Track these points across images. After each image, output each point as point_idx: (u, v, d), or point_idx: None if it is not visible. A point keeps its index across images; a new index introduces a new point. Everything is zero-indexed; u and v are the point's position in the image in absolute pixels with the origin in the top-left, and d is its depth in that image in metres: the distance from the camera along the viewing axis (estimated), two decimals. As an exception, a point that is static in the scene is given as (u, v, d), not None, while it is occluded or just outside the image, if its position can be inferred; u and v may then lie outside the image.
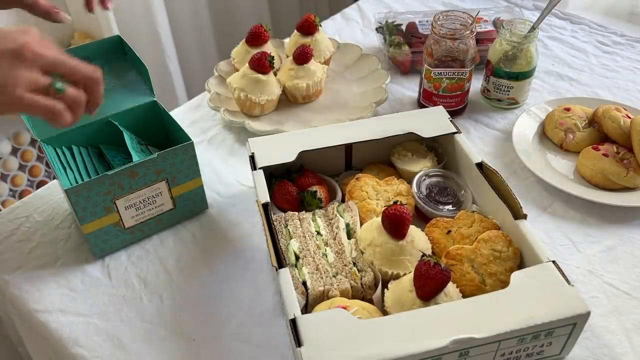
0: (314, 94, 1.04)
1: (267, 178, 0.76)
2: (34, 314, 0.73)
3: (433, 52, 0.94)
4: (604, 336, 0.67)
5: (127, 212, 0.76)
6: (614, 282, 0.73)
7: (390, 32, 1.15)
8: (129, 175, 0.73)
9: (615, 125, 0.89)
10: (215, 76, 1.08)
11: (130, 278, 0.76)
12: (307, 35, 1.07)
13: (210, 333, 0.69)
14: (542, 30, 1.23)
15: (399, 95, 1.08)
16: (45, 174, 1.64)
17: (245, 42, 1.05)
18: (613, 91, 1.07)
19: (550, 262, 0.63)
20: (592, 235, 0.80)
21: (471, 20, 0.92)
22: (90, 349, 0.68)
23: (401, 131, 0.82)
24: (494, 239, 0.69)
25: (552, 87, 1.09)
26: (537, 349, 0.60)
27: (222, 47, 1.94)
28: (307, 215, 0.74)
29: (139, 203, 0.76)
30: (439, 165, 0.85)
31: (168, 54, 1.73)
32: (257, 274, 0.76)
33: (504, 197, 0.71)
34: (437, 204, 0.78)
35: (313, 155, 0.80)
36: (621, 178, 0.84)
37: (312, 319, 0.58)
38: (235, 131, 1.00)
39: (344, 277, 0.67)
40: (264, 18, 1.97)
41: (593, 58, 1.17)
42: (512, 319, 0.57)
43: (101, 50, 0.85)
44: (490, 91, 1.02)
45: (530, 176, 0.89)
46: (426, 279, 0.61)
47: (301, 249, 0.69)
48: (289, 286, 0.61)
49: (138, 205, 0.76)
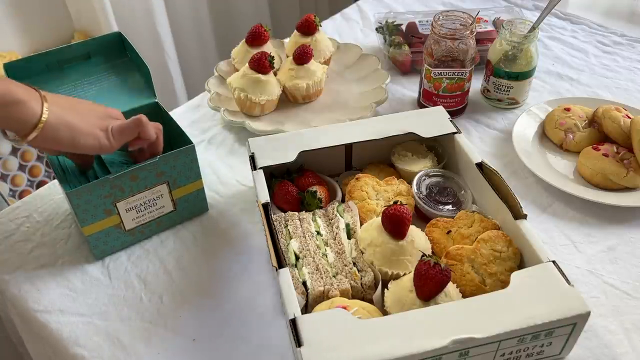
0: (314, 94, 1.04)
1: (267, 178, 0.76)
2: (34, 314, 0.73)
3: (433, 52, 0.94)
4: (604, 336, 0.67)
5: (127, 214, 0.76)
6: (614, 282, 0.73)
7: (390, 32, 1.15)
8: (130, 179, 0.73)
9: (615, 125, 0.89)
10: (215, 76, 1.08)
11: (130, 278, 0.76)
12: (307, 35, 1.07)
13: (210, 333, 0.69)
14: (542, 30, 1.23)
15: (399, 95, 1.08)
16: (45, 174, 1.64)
17: (245, 42, 1.05)
18: (613, 91, 1.07)
19: (550, 262, 0.63)
20: (592, 235, 0.80)
21: (471, 20, 0.92)
22: (90, 349, 0.68)
23: (401, 131, 0.82)
24: (494, 239, 0.69)
25: (552, 87, 1.09)
26: (537, 349, 0.60)
27: (222, 47, 1.94)
28: (307, 215, 0.74)
29: (139, 205, 0.76)
30: (439, 165, 0.85)
31: (168, 54, 1.73)
32: (257, 274, 0.76)
33: (504, 197, 0.71)
34: (437, 204, 0.78)
35: (313, 155, 0.80)
36: (621, 178, 0.84)
37: (312, 319, 0.58)
38: (235, 131, 1.00)
39: (344, 277, 0.67)
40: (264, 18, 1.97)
41: (593, 58, 1.17)
42: (512, 319, 0.57)
43: (101, 47, 0.85)
44: (490, 91, 1.02)
45: (530, 176, 0.89)
46: (426, 279, 0.61)
47: (301, 249, 0.69)
48: (289, 286, 0.61)
49: (139, 207, 0.76)
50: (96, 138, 0.68)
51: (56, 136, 0.65)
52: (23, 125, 0.63)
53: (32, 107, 0.63)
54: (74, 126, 0.66)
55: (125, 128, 0.70)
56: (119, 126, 0.70)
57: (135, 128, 0.70)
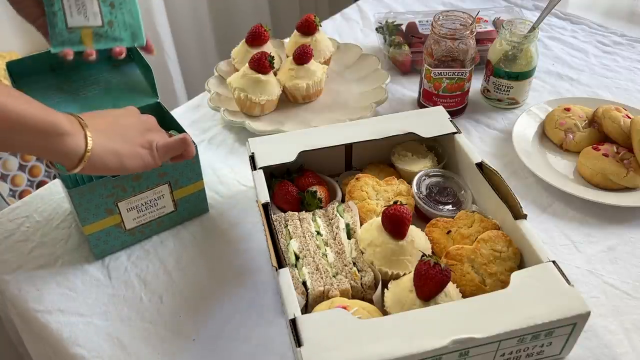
0: (314, 94, 1.04)
1: (267, 178, 0.76)
2: (34, 314, 0.73)
3: (433, 52, 0.94)
4: (604, 336, 0.67)
5: (128, 214, 0.76)
6: (614, 282, 0.73)
7: (390, 32, 1.15)
8: (132, 179, 0.73)
9: (615, 125, 0.89)
10: (215, 76, 1.08)
11: (130, 278, 0.76)
12: (307, 35, 1.07)
13: (210, 333, 0.69)
14: (542, 30, 1.23)
15: (399, 95, 1.08)
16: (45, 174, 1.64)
17: (245, 42, 1.05)
18: (613, 91, 1.07)
19: (550, 262, 0.63)
20: (592, 235, 0.80)
21: (471, 20, 0.92)
22: (90, 349, 0.68)
23: (401, 131, 0.82)
24: (494, 239, 0.69)
25: (552, 87, 1.09)
26: (537, 349, 0.60)
27: (222, 47, 1.94)
28: (307, 215, 0.74)
29: (140, 205, 0.76)
30: (439, 165, 0.85)
31: (168, 54, 1.73)
32: (257, 274, 0.76)
33: (504, 197, 0.71)
34: (437, 204, 0.78)
35: (313, 155, 0.80)
36: (621, 178, 0.84)
37: (312, 319, 0.58)
38: (235, 131, 1.00)
39: (344, 277, 0.67)
40: (264, 18, 1.97)
41: (593, 58, 1.17)
42: (512, 319, 0.57)
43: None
44: (490, 91, 1.02)
45: (530, 176, 0.89)
46: (426, 279, 0.61)
47: (301, 249, 0.69)
48: (289, 286, 0.61)
49: (140, 207, 0.76)
50: (141, 158, 0.66)
51: (103, 164, 0.63)
52: (69, 157, 0.61)
53: (76, 138, 0.60)
54: (119, 151, 0.64)
55: (171, 148, 0.68)
56: (165, 145, 0.68)
57: (181, 147, 0.69)
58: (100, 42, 0.77)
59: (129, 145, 0.65)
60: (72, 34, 0.76)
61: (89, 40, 0.76)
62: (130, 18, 0.78)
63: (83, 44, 0.76)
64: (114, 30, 0.77)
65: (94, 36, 0.76)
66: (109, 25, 0.76)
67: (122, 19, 0.77)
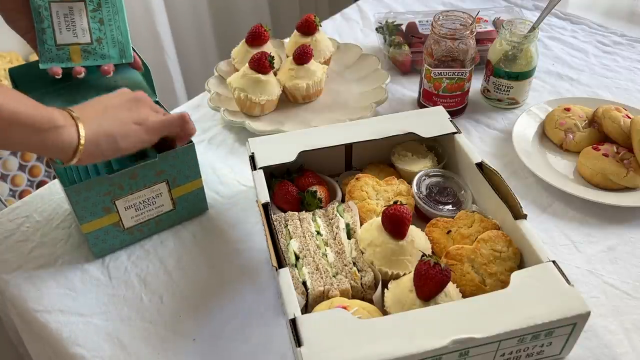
0: (314, 94, 1.04)
1: (267, 178, 0.76)
2: (34, 314, 0.73)
3: (433, 52, 0.94)
4: (604, 336, 0.67)
5: (126, 212, 0.76)
6: (614, 282, 0.73)
7: (390, 32, 1.15)
8: (130, 177, 0.73)
9: (615, 125, 0.89)
10: (215, 76, 1.08)
11: (130, 278, 0.76)
12: (307, 35, 1.07)
13: (210, 333, 0.69)
14: (542, 30, 1.23)
15: (399, 95, 1.08)
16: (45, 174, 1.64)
17: (245, 42, 1.05)
18: (613, 91, 1.07)
19: (550, 262, 0.63)
20: (592, 235, 0.80)
21: (471, 20, 0.92)
22: (90, 349, 0.68)
23: (401, 131, 0.82)
24: (494, 239, 0.69)
25: (552, 87, 1.09)
26: (537, 349, 0.60)
27: (222, 47, 1.94)
28: (307, 215, 0.74)
29: (138, 204, 0.76)
30: (439, 165, 0.85)
31: (168, 53, 1.73)
32: (257, 273, 0.76)
33: (504, 197, 0.71)
34: (437, 204, 0.78)
35: (313, 155, 0.80)
36: (621, 178, 0.84)
37: (312, 319, 0.58)
38: (235, 131, 1.00)
39: (344, 277, 0.67)
40: (264, 18, 1.97)
41: (593, 58, 1.17)
42: (512, 319, 0.57)
43: None
44: (490, 91, 1.02)
45: (530, 176, 0.89)
46: (426, 279, 0.61)
47: (301, 249, 0.69)
48: (289, 286, 0.61)
49: (138, 206, 0.76)
50: (135, 134, 0.66)
51: (99, 150, 0.64)
52: (64, 150, 0.61)
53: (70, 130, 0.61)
54: (111, 132, 0.64)
55: (168, 124, 0.69)
56: (162, 122, 0.68)
57: (178, 124, 0.70)
58: (89, 59, 0.78)
59: (120, 123, 0.65)
60: (61, 51, 0.77)
61: (78, 57, 0.77)
62: (119, 34, 0.79)
63: (71, 61, 0.77)
64: (103, 47, 0.78)
65: (82, 53, 0.78)
66: (98, 42, 0.78)
67: (110, 36, 0.78)
